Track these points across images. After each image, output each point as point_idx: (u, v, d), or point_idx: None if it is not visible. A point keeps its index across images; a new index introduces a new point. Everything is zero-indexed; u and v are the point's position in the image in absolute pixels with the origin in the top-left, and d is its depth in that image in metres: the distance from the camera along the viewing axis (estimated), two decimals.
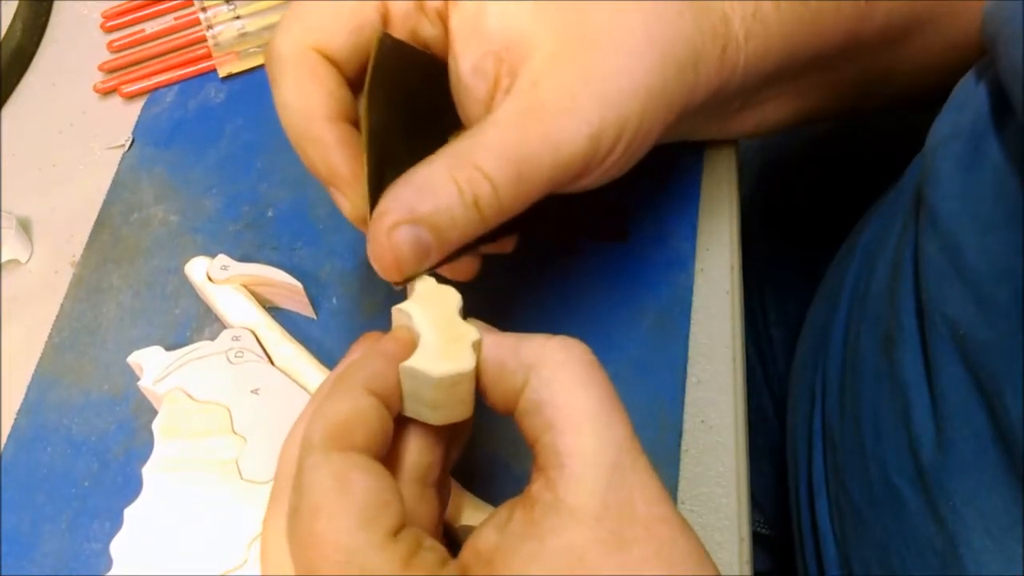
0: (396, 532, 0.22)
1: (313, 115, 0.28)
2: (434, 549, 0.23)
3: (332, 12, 0.29)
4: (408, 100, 0.29)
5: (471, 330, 0.25)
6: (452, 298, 0.26)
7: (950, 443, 0.30)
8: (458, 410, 0.25)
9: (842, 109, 0.40)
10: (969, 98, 0.34)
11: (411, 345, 0.25)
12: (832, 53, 0.34)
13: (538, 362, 0.24)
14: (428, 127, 0.28)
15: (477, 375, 0.25)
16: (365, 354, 0.25)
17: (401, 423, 0.26)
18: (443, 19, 0.29)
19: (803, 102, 0.37)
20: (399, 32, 0.29)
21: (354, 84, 0.29)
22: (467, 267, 0.30)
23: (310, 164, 0.29)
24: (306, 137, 0.28)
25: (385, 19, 0.29)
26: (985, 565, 0.29)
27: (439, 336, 0.25)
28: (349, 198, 0.28)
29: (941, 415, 0.31)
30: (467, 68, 0.29)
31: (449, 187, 0.25)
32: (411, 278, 0.26)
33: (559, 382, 0.23)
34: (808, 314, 0.47)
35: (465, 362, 0.24)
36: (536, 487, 0.23)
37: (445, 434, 0.26)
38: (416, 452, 0.26)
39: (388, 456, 0.26)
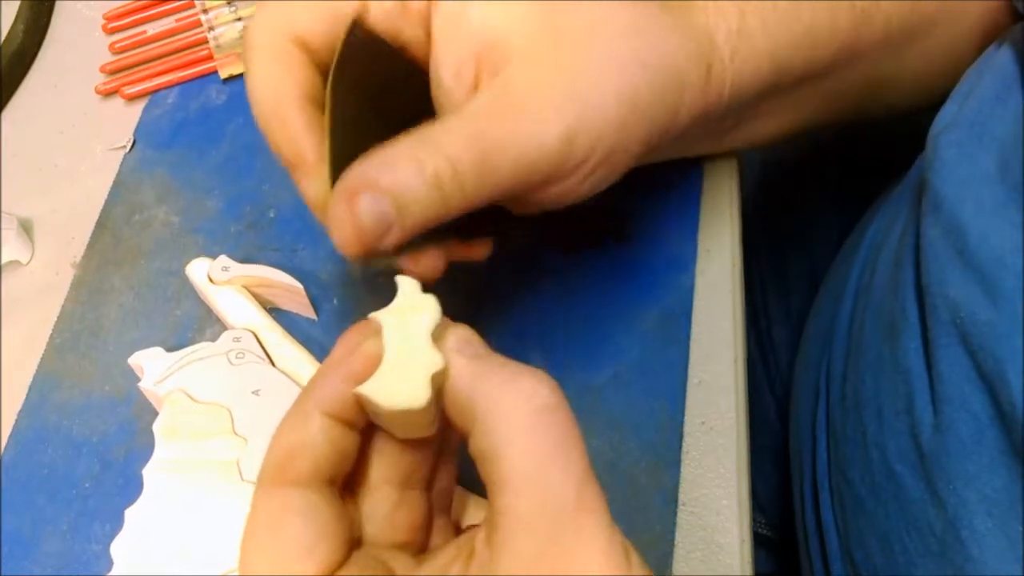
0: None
1: (282, 98, 0.28)
2: None
3: (309, 4, 0.29)
4: (380, 96, 0.29)
5: (436, 359, 0.23)
6: (429, 314, 0.24)
7: (949, 425, 0.31)
8: (419, 431, 0.25)
9: (843, 118, 0.40)
10: (974, 88, 0.34)
11: (376, 361, 0.24)
12: (828, 65, 0.34)
13: (483, 408, 0.23)
14: (400, 127, 0.27)
15: (440, 399, 0.24)
16: (327, 369, 0.24)
17: (377, 426, 0.25)
18: (425, 22, 0.29)
19: (800, 113, 0.37)
20: (380, 32, 0.29)
21: (326, 74, 0.29)
22: (432, 262, 0.29)
23: (276, 146, 0.28)
24: (274, 119, 0.28)
25: (363, 15, 0.29)
26: (987, 547, 0.29)
27: (401, 360, 0.23)
28: (313, 182, 0.28)
29: (940, 398, 0.31)
30: (448, 70, 0.28)
31: (409, 164, 0.25)
32: (374, 257, 0.26)
33: (498, 435, 0.22)
34: (811, 312, 0.47)
35: (417, 398, 0.23)
36: (479, 539, 0.23)
37: (428, 437, 0.26)
38: (392, 456, 0.25)
39: (363, 461, 0.25)
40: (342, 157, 0.26)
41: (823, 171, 0.56)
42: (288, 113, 0.28)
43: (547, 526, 0.21)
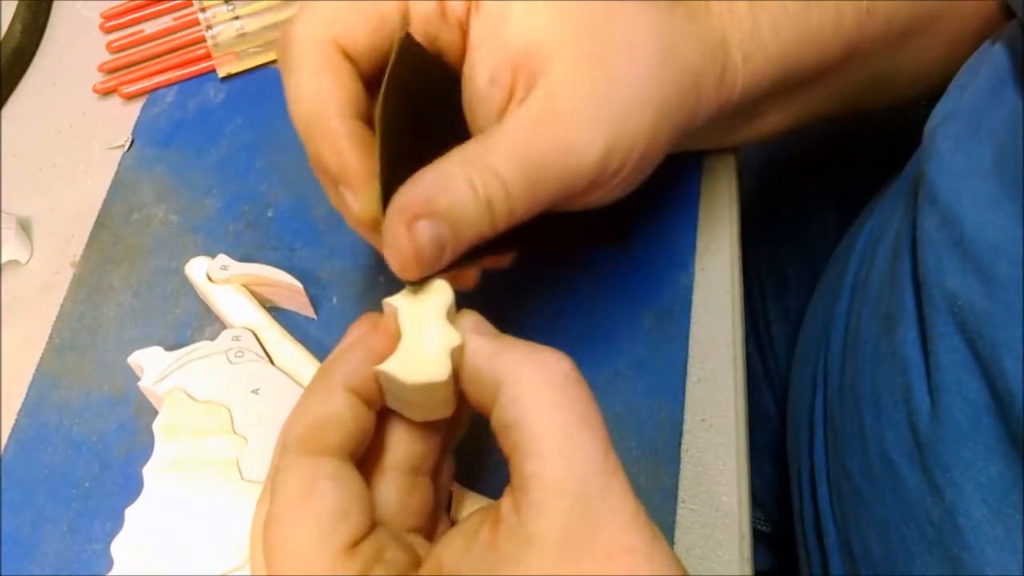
0: (356, 543, 0.22)
1: (327, 109, 0.27)
2: (395, 561, 0.23)
3: (353, 7, 0.28)
4: (419, 106, 0.28)
5: (453, 336, 0.24)
6: (443, 296, 0.25)
7: (945, 413, 0.31)
8: (437, 411, 0.25)
9: (844, 111, 0.40)
10: (970, 82, 0.34)
11: (396, 340, 0.24)
12: (833, 64, 0.35)
13: (509, 378, 0.23)
14: (436, 135, 0.27)
15: (456, 378, 0.24)
16: (349, 347, 0.25)
17: (391, 412, 0.26)
18: (462, 27, 0.29)
19: (803, 109, 0.37)
20: (417, 35, 0.29)
21: (368, 82, 0.29)
22: (469, 277, 0.30)
23: (320, 159, 0.28)
24: (319, 130, 0.27)
25: (405, 20, 0.29)
26: (984, 534, 0.29)
27: (420, 338, 0.24)
28: (359, 197, 0.27)
29: (937, 387, 0.31)
30: (484, 76, 0.28)
31: (463, 185, 0.25)
32: (427, 277, 0.26)
33: (527, 402, 0.23)
34: (809, 308, 0.48)
35: (439, 372, 0.23)
36: (505, 505, 0.23)
37: (439, 423, 0.26)
38: (406, 442, 0.26)
39: (376, 446, 0.26)
40: (392, 173, 0.26)
41: (822, 171, 0.56)
42: (334, 126, 0.27)
43: (577, 487, 0.22)
